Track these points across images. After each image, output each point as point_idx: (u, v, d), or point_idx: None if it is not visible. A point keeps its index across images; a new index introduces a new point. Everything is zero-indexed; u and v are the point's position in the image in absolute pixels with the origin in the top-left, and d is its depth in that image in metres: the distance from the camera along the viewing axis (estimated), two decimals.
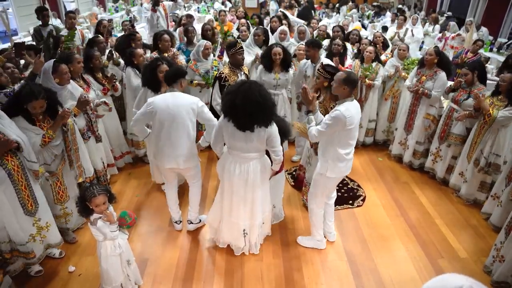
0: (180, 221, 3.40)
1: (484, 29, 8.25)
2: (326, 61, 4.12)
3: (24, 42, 4.53)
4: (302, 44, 4.73)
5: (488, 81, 4.07)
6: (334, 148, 2.81)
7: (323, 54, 4.62)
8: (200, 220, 3.41)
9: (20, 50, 3.73)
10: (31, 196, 2.60)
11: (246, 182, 2.76)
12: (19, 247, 2.62)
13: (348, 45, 5.09)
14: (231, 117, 2.57)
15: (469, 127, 3.89)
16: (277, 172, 3.26)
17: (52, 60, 3.10)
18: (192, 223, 3.36)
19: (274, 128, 2.65)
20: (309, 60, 4.19)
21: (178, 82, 2.96)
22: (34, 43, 5.06)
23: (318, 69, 3.66)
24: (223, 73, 3.75)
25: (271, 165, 2.90)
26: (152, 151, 3.31)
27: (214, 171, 4.24)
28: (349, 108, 2.68)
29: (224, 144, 2.86)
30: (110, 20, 5.04)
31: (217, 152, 2.97)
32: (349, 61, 4.71)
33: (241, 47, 3.74)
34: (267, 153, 2.87)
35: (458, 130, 3.92)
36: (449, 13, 10.01)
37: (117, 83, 3.93)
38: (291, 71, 4.35)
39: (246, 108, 2.47)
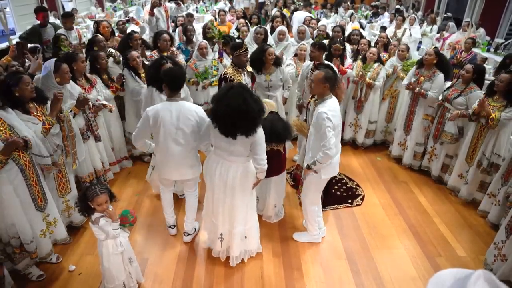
0: (175, 226, 3.31)
1: (481, 30, 8.30)
2: (327, 63, 4.16)
3: (26, 43, 4.51)
4: (304, 44, 4.74)
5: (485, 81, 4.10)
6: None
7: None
8: (195, 229, 3.33)
9: (23, 49, 3.72)
10: (41, 191, 2.65)
11: (225, 185, 2.68)
12: (25, 245, 2.63)
13: (347, 45, 5.10)
14: (216, 122, 2.51)
15: (460, 126, 3.92)
16: (279, 172, 3.28)
17: (54, 59, 3.10)
18: (189, 234, 3.26)
19: (259, 135, 2.53)
20: (312, 62, 4.19)
21: (180, 89, 2.79)
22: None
23: (311, 69, 3.69)
24: (227, 73, 3.74)
25: (256, 173, 2.75)
26: (155, 162, 3.16)
27: None
28: (331, 106, 2.76)
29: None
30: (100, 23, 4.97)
31: (201, 149, 2.91)
32: (349, 61, 4.73)
33: (246, 49, 3.72)
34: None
35: (449, 128, 3.94)
36: (449, 14, 10.07)
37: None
38: (289, 68, 4.36)
39: (229, 116, 2.40)
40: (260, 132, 2.54)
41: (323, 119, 2.69)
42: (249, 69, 4.00)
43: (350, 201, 3.90)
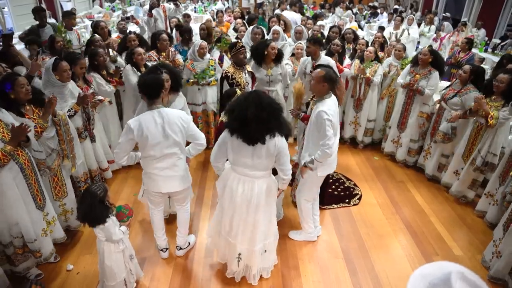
0: (167, 249, 3.10)
1: (482, 30, 8.34)
2: (326, 59, 4.19)
3: (13, 32, 4.51)
4: (300, 43, 4.78)
5: None
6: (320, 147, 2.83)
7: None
8: (189, 243, 3.19)
9: (8, 41, 3.72)
10: (40, 190, 2.66)
11: (249, 203, 2.51)
12: (29, 244, 2.64)
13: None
14: (241, 131, 2.32)
15: (453, 126, 3.91)
16: (276, 174, 3.28)
17: (54, 58, 3.15)
18: (182, 249, 3.11)
19: (284, 144, 2.42)
20: (309, 57, 4.23)
21: (161, 95, 2.60)
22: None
23: (311, 69, 3.72)
24: (228, 72, 3.77)
25: (279, 184, 2.65)
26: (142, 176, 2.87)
27: (208, 179, 4.24)
28: (330, 105, 2.78)
29: (227, 160, 2.60)
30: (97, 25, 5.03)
31: (217, 169, 2.67)
32: (347, 60, 4.75)
33: (242, 46, 3.74)
34: (274, 172, 2.63)
35: (443, 128, 3.95)
36: (448, 14, 10.09)
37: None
38: (287, 67, 4.38)
39: (260, 116, 2.24)
40: (284, 141, 2.43)
41: (323, 119, 2.70)
42: (249, 68, 4.02)
43: (347, 200, 3.92)
